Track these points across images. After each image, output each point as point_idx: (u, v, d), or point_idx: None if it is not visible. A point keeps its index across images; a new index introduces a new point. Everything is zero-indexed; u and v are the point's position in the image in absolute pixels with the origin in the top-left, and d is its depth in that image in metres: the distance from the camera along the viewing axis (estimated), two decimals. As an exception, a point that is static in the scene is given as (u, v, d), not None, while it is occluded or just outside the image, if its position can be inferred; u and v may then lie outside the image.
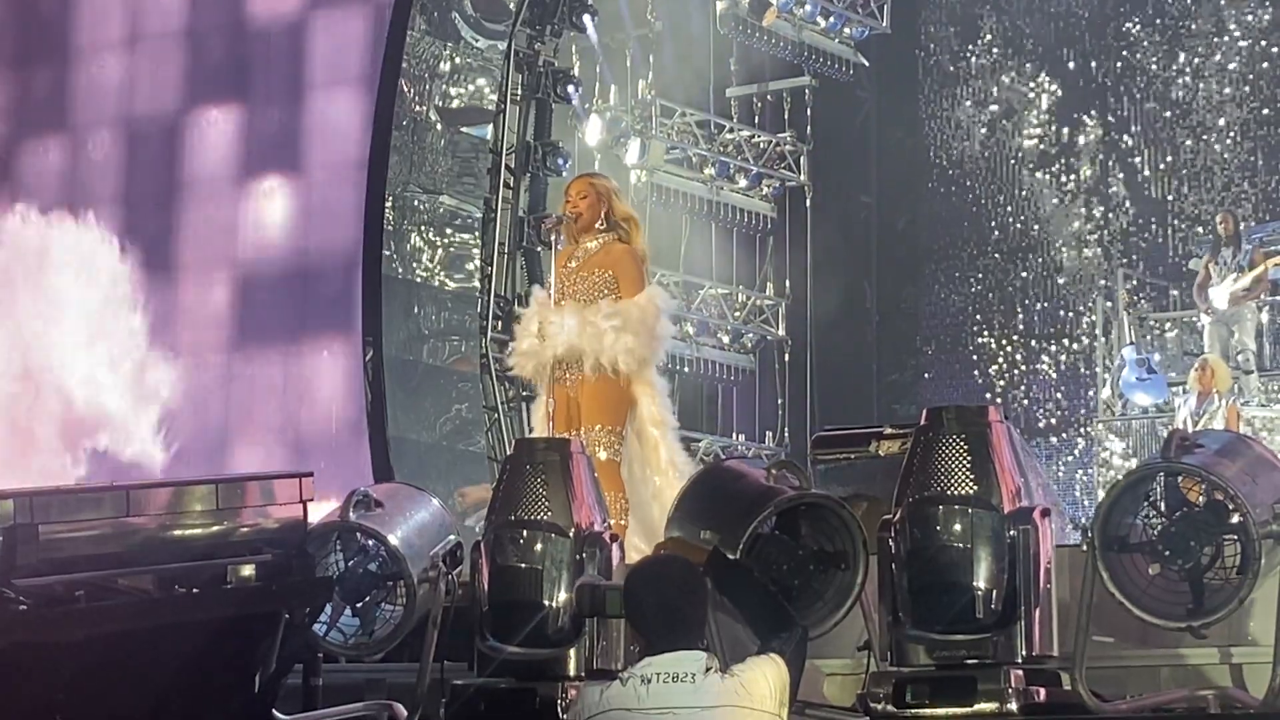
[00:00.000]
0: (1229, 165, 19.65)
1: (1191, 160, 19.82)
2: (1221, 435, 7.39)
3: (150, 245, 16.80)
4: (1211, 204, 19.48)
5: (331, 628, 6.92)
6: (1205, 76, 19.80)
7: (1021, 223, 20.61)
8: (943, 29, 21.11)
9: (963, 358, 20.77)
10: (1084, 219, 20.31)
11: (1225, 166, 19.66)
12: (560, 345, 9.12)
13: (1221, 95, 19.73)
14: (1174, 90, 19.94)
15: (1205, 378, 16.41)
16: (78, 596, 5.87)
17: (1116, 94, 20.20)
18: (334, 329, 16.03)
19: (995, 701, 6.10)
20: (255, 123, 16.70)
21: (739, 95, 20.27)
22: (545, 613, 6.65)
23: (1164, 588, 6.12)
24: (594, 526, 6.73)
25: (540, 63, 16.70)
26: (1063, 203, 20.42)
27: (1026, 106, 20.65)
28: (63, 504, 6.14)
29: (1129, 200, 20.09)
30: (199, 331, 16.52)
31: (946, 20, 21.07)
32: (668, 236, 19.17)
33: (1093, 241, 20.25)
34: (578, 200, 9.44)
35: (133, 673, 5.84)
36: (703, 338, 19.55)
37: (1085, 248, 20.31)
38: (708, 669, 5.14)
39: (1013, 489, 6.24)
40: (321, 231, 16.14)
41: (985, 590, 6.19)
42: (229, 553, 6.54)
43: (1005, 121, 20.76)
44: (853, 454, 8.61)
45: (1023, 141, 20.64)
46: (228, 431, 16.28)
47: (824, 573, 6.56)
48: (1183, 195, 19.85)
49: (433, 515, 7.16)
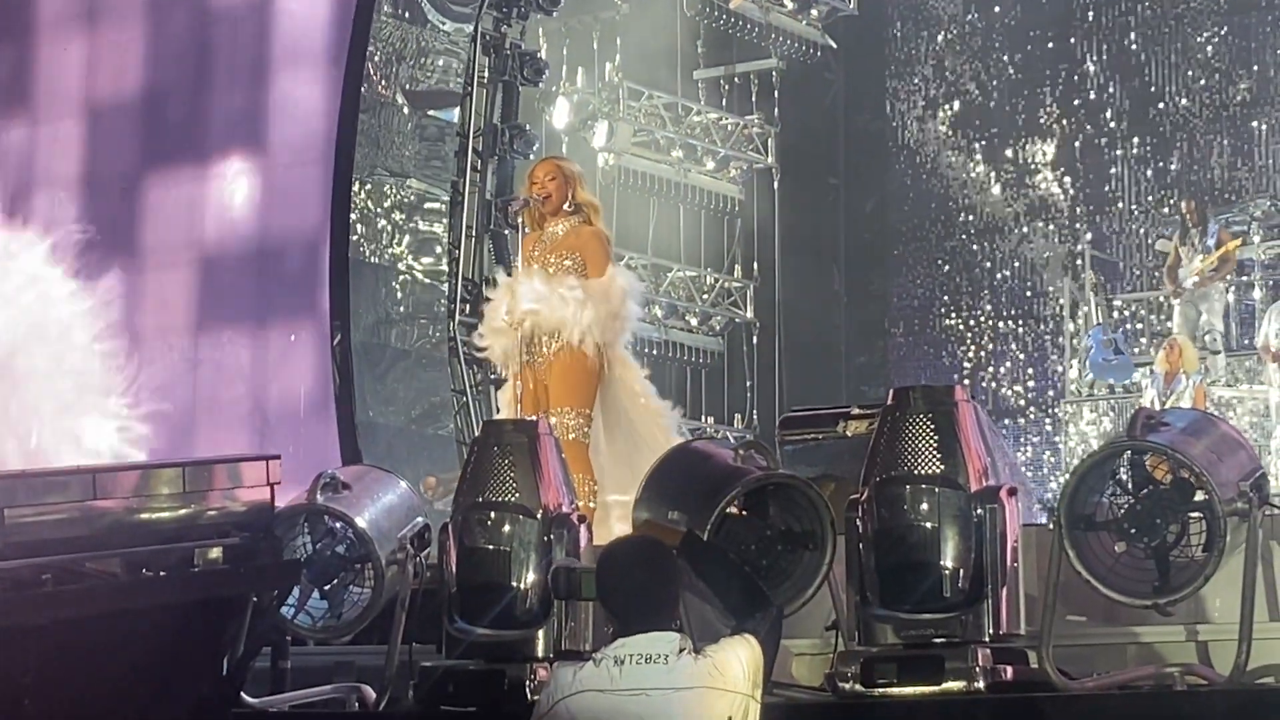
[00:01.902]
0: (1198, 146, 19.70)
1: (1160, 140, 19.86)
2: (1188, 414, 7.41)
3: (112, 228, 16.69)
4: (1178, 185, 19.54)
5: (299, 610, 6.93)
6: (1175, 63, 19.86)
7: (988, 205, 20.63)
8: (909, 10, 21.11)
9: (931, 339, 20.81)
10: (1051, 200, 20.34)
11: (1195, 147, 19.71)
12: (525, 302, 9.11)
13: (1190, 78, 19.78)
14: (1144, 71, 19.99)
15: (1173, 358, 16.46)
16: (45, 580, 5.85)
17: (1084, 74, 20.24)
18: (301, 313, 15.97)
19: (963, 680, 6.11)
20: (218, 103, 16.60)
21: (706, 78, 20.27)
22: (513, 594, 6.65)
23: (1130, 566, 6.14)
24: (562, 508, 6.73)
25: (507, 45, 16.65)
26: (1030, 184, 20.45)
27: (993, 87, 20.66)
28: (29, 487, 6.13)
29: (1095, 180, 20.12)
30: (163, 315, 16.42)
31: (913, 1, 21.08)
32: (635, 219, 19.18)
33: (1060, 222, 20.28)
34: (545, 181, 9.44)
35: (100, 656, 5.83)
36: (671, 320, 19.57)
37: (1052, 228, 20.34)
38: (681, 650, 5.14)
39: (979, 468, 6.25)
40: (287, 214, 16.05)
41: (952, 569, 6.21)
42: (196, 536, 6.53)
43: (971, 103, 20.77)
44: (820, 434, 8.62)
45: (989, 123, 20.65)
46: (194, 415, 16.20)
47: (792, 553, 6.57)
48: (1150, 176, 19.90)
49: (400, 498, 7.16)
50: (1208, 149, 19.62)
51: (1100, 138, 20.10)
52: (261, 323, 16.09)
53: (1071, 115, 20.23)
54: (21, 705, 5.57)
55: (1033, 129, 20.43)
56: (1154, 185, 19.84)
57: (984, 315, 20.59)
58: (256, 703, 6.91)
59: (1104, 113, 20.10)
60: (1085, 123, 20.19)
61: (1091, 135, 20.14)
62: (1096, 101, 20.16)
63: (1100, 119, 20.11)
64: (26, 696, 5.60)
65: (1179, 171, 19.70)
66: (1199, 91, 19.68)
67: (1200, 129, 19.67)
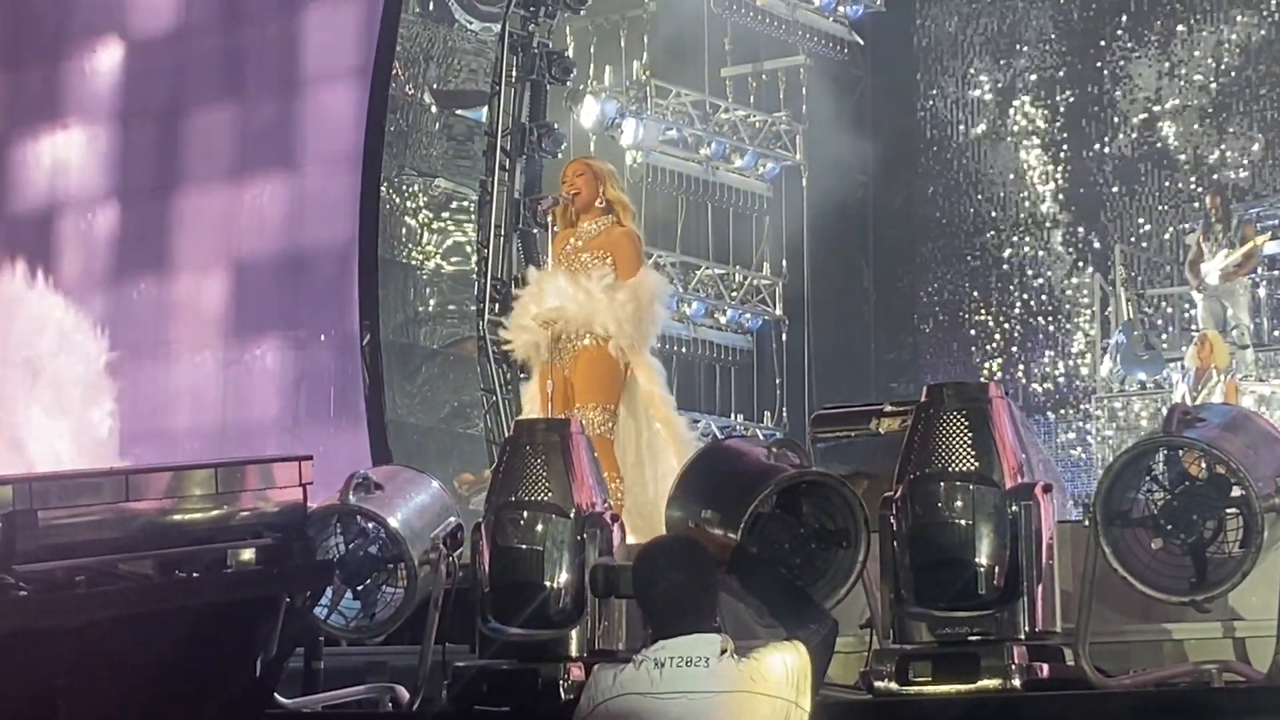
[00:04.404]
0: (1220, 142, 19.64)
1: (1189, 134, 19.81)
2: (1223, 409, 7.37)
3: (146, 239, 16.78)
4: (1203, 181, 19.49)
5: (332, 611, 6.91)
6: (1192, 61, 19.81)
7: (1018, 200, 20.59)
8: (936, 6, 21.08)
9: (960, 335, 20.77)
10: (1079, 193, 20.30)
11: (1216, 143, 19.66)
12: (551, 299, 9.12)
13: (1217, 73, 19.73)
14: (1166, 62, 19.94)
15: (1204, 353, 16.42)
16: (78, 582, 5.85)
17: (1111, 69, 20.19)
18: (331, 316, 16.00)
19: (999, 678, 6.08)
20: (250, 116, 16.66)
21: (734, 75, 20.26)
22: (547, 594, 6.62)
23: (1167, 562, 6.10)
24: (595, 507, 6.71)
25: (534, 44, 16.66)
26: (1058, 178, 20.40)
27: (1020, 82, 20.62)
28: (62, 489, 6.12)
29: (1126, 174, 20.07)
30: (196, 323, 16.49)
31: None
32: (664, 217, 19.17)
33: (1090, 217, 20.24)
34: (575, 179, 9.45)
35: (133, 658, 5.82)
36: (700, 318, 19.55)
37: (1081, 224, 20.29)
38: (722, 652, 5.10)
39: (1014, 465, 6.22)
40: (318, 223, 16.11)
41: (987, 567, 6.17)
42: (229, 537, 6.52)
43: (999, 98, 20.73)
44: (853, 432, 8.59)
45: (1018, 119, 20.61)
46: (225, 420, 16.25)
47: (825, 551, 6.54)
48: (1175, 171, 19.84)
49: (433, 497, 7.15)
50: (1236, 142, 19.56)
51: (1129, 130, 20.04)
52: (292, 327, 16.13)
53: (1102, 109, 20.17)
54: (55, 706, 5.57)
55: (1061, 123, 20.37)
56: (1185, 179, 19.77)
57: (1014, 311, 20.54)
58: (290, 703, 6.91)
59: (1132, 106, 20.05)
60: (1114, 116, 20.13)
61: (1119, 128, 20.09)
62: (1126, 95, 20.10)
63: (1128, 113, 20.06)
64: (60, 698, 5.60)
65: (1207, 165, 19.64)
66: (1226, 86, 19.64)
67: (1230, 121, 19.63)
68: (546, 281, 9.32)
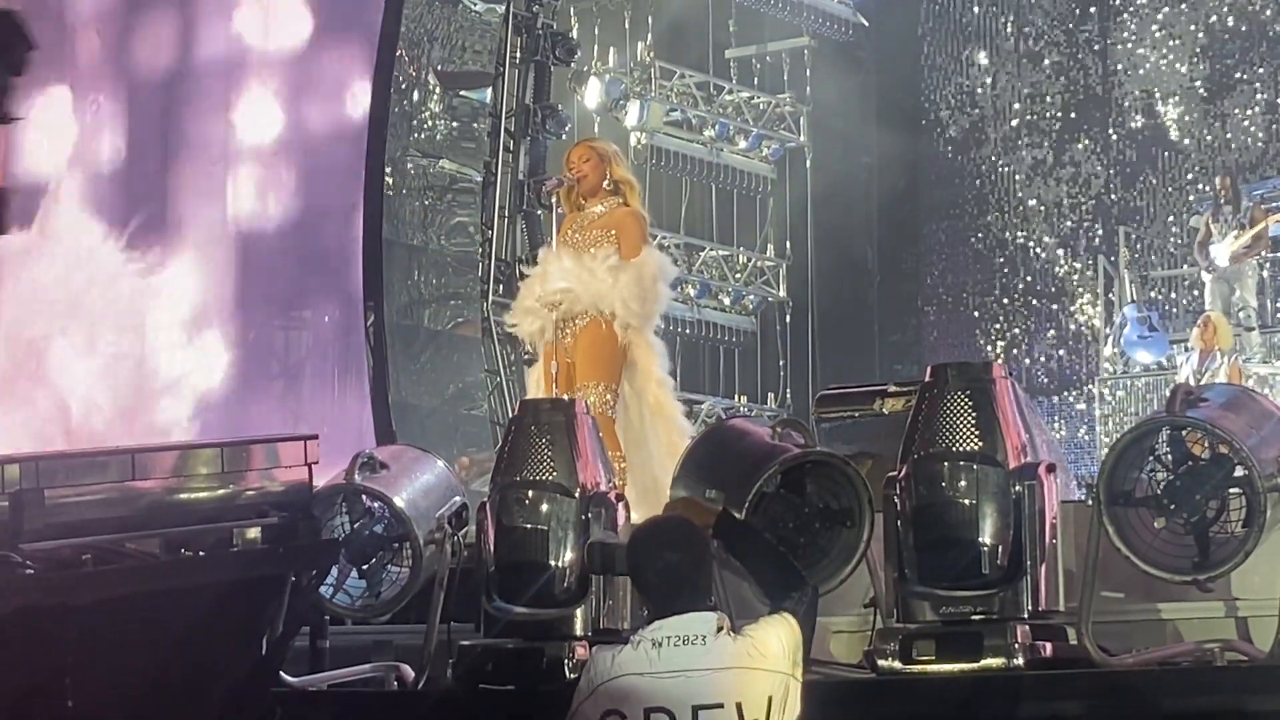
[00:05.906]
0: (1228, 125, 19.63)
1: (1196, 116, 19.80)
2: (1226, 389, 7.39)
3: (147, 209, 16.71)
4: (1211, 162, 19.47)
5: (338, 590, 6.94)
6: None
7: (1021, 182, 20.58)
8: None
9: (964, 317, 20.77)
10: (1085, 176, 20.29)
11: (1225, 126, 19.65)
12: (556, 281, 9.13)
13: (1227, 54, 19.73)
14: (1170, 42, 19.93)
15: (1207, 335, 16.42)
16: (84, 560, 5.86)
17: (1116, 49, 20.17)
18: (334, 294, 15.99)
19: (1002, 657, 6.10)
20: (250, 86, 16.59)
21: (738, 56, 20.25)
22: (551, 573, 6.65)
23: (1169, 541, 6.12)
24: (599, 486, 6.73)
25: (539, 25, 16.65)
26: (1063, 159, 20.39)
27: (1025, 64, 20.61)
28: (69, 468, 6.14)
29: (1130, 155, 20.06)
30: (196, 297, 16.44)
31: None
32: (668, 199, 19.17)
33: (1094, 199, 20.22)
34: (580, 164, 9.43)
35: (140, 636, 5.84)
36: (704, 299, 19.56)
37: (1086, 205, 20.28)
38: (719, 629, 5.10)
39: (1018, 445, 6.24)
40: (320, 197, 16.07)
41: (991, 546, 6.19)
42: (235, 516, 6.54)
43: (1004, 81, 20.71)
44: (857, 412, 8.62)
45: (1023, 100, 20.59)
46: (227, 398, 16.23)
47: (829, 530, 6.57)
48: (1182, 154, 19.84)
49: (438, 477, 7.17)
50: (1241, 125, 19.55)
51: (1136, 114, 20.03)
52: (295, 304, 16.12)
53: (1105, 90, 20.16)
54: (62, 684, 5.59)
55: (1067, 105, 20.36)
56: (1190, 161, 19.76)
57: (1017, 292, 20.53)
58: (295, 681, 6.93)
59: (1136, 88, 20.04)
60: (1118, 98, 20.12)
61: (1125, 109, 20.08)
62: (1128, 78, 20.08)
63: (1134, 93, 20.05)
64: (67, 675, 5.61)
65: (1214, 147, 19.63)
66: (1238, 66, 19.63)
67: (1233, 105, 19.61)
68: (551, 263, 9.34)
